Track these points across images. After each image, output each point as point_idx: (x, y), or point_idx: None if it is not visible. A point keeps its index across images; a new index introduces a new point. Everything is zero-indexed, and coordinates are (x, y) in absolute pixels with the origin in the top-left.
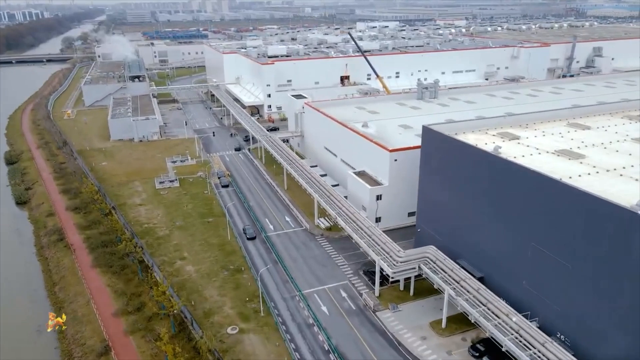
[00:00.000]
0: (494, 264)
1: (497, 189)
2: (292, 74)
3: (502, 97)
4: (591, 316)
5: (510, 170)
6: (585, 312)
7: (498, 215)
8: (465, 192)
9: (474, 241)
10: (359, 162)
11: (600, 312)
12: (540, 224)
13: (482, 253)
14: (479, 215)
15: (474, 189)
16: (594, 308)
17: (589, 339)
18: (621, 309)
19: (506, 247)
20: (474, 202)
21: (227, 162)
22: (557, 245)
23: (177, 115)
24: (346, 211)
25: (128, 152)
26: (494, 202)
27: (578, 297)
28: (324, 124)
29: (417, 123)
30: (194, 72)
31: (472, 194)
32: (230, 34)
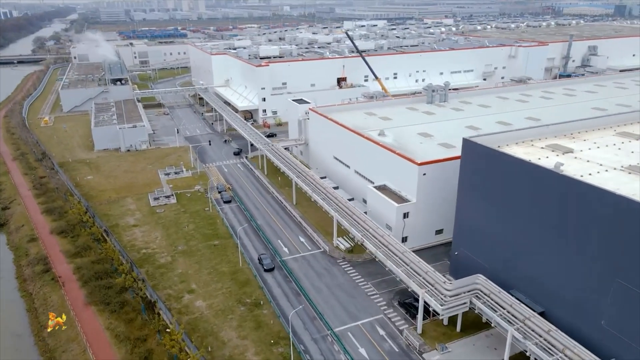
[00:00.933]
0: (558, 298)
1: (567, 214)
2: (286, 76)
3: (515, 100)
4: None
5: (585, 193)
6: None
7: (567, 245)
8: (519, 214)
9: (531, 270)
10: (379, 174)
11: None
12: (629, 258)
13: (543, 285)
14: (538, 242)
15: (532, 212)
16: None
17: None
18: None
19: (578, 281)
20: (531, 227)
21: (226, 173)
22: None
23: (164, 121)
24: (373, 232)
25: (115, 164)
26: (561, 229)
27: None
28: (333, 131)
29: (436, 130)
30: (177, 74)
31: (529, 216)
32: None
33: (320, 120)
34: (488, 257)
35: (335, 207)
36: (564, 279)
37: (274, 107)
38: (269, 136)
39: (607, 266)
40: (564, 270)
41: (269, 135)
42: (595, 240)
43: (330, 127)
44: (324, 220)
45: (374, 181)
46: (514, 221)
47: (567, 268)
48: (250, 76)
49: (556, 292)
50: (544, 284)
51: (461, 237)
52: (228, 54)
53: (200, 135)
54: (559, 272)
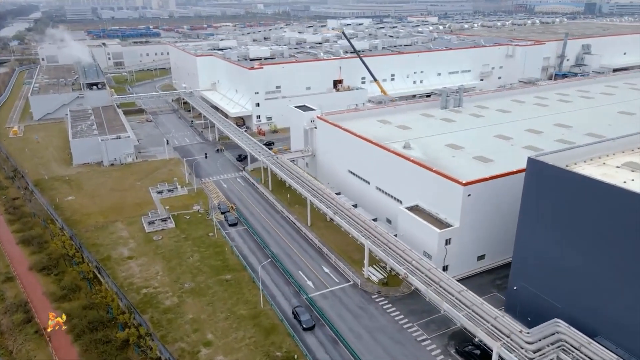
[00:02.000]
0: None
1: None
2: (280, 79)
3: (533, 104)
4: None
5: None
6: None
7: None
8: (603, 246)
9: (623, 315)
10: (408, 193)
11: None
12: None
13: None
14: (631, 279)
15: (620, 243)
16: None
17: None
18: None
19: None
20: (620, 261)
21: (226, 189)
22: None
23: (149, 129)
24: (416, 265)
25: (99, 181)
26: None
27: None
28: (347, 142)
29: (464, 141)
30: (155, 76)
31: (617, 249)
32: (184, 32)
33: (331, 130)
34: (560, 295)
35: (364, 233)
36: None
37: (268, 113)
38: (266, 144)
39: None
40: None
41: (267, 144)
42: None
43: (343, 138)
44: (346, 244)
45: (401, 200)
46: (596, 254)
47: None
48: (241, 79)
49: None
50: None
51: (522, 269)
52: (214, 55)
53: (191, 144)
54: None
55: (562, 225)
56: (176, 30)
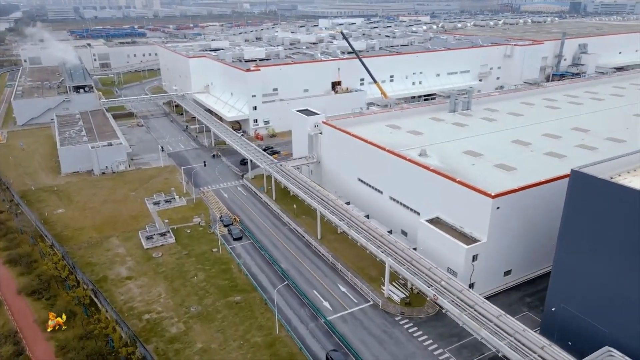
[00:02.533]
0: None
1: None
2: (278, 81)
3: (545, 107)
4: None
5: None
6: None
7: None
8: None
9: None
10: (427, 204)
11: None
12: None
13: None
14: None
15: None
16: None
17: None
18: None
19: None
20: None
21: (226, 199)
22: None
23: (140, 134)
24: (446, 285)
25: (90, 192)
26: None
27: None
28: (357, 149)
29: (481, 147)
30: (144, 78)
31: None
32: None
33: (338, 136)
34: (607, 318)
35: (384, 249)
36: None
37: (265, 117)
38: (265, 150)
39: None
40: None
41: (266, 149)
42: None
43: (353, 144)
44: (360, 258)
45: (419, 211)
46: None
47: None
48: (237, 82)
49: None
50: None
51: (562, 290)
52: (207, 56)
53: (185, 150)
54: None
55: (610, 242)
56: (162, 30)
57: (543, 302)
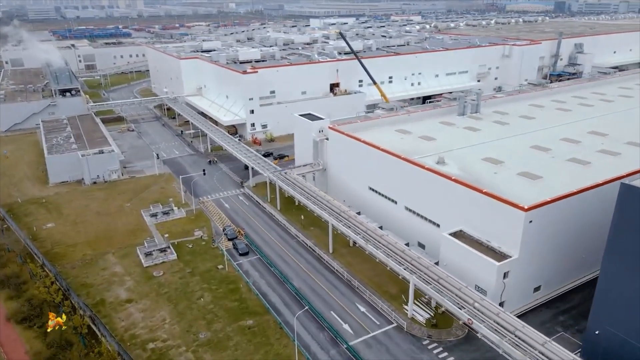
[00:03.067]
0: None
1: None
2: (275, 84)
3: (555, 109)
4: None
5: None
6: None
7: None
8: None
9: None
10: (448, 215)
11: None
12: None
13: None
14: None
15: None
16: None
17: None
18: None
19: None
20: None
21: (228, 209)
22: None
23: (131, 139)
24: (481, 308)
25: (82, 203)
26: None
27: None
28: (367, 156)
29: (500, 153)
30: (131, 79)
31: None
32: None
33: (346, 142)
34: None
35: (407, 266)
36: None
37: (263, 120)
38: (265, 156)
39: None
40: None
41: (266, 155)
42: None
43: (363, 151)
44: (377, 273)
45: (438, 223)
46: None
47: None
48: (233, 84)
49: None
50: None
51: (607, 311)
52: (200, 58)
53: (180, 157)
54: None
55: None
56: (147, 30)
57: (577, 320)
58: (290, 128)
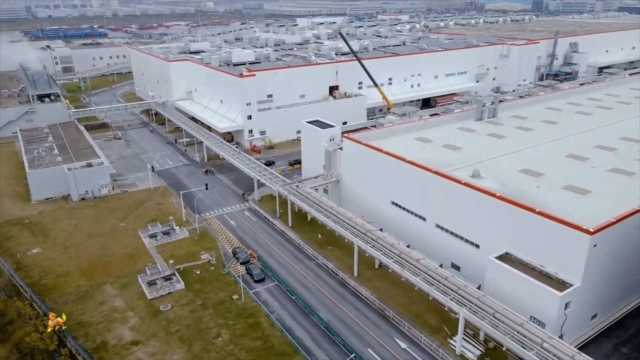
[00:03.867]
0: None
1: None
2: (272, 87)
3: (575, 113)
4: None
5: None
6: None
7: None
8: None
9: None
10: (491, 236)
11: None
12: None
13: None
14: None
15: None
16: None
17: None
18: None
19: None
20: None
21: (234, 227)
22: None
23: (119, 148)
24: (550, 348)
25: (70, 223)
26: None
27: None
28: (390, 168)
29: (535, 164)
30: (113, 82)
31: None
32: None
33: (364, 152)
34: None
35: (454, 297)
36: None
37: (261, 126)
38: (267, 164)
39: None
40: None
41: (267, 164)
42: None
43: (384, 163)
44: (412, 300)
45: (477, 244)
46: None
47: None
48: (229, 89)
49: None
50: None
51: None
52: (190, 59)
53: (175, 167)
54: None
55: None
56: (124, 29)
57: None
58: (289, 134)
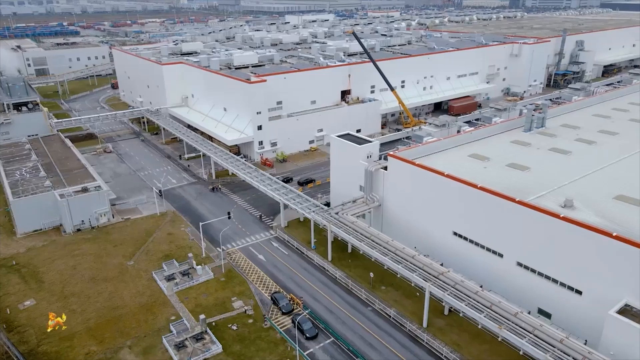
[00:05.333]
0: None
1: None
2: (282, 93)
3: (627, 120)
4: None
5: None
6: None
7: None
8: None
9: None
10: (600, 282)
11: None
12: None
13: None
14: None
15: None
16: None
17: None
18: None
19: None
20: None
21: (264, 263)
22: None
23: (111, 164)
24: None
25: (67, 263)
26: None
27: None
28: (450, 193)
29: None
30: (93, 86)
31: None
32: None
33: (416, 174)
34: None
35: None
36: None
37: (272, 137)
38: (284, 181)
39: None
40: None
41: (285, 180)
42: None
43: (443, 187)
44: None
45: (580, 289)
46: None
47: None
48: (235, 95)
49: None
50: None
51: None
52: (185, 62)
53: (180, 186)
54: None
55: None
56: (96, 27)
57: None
58: (301, 144)
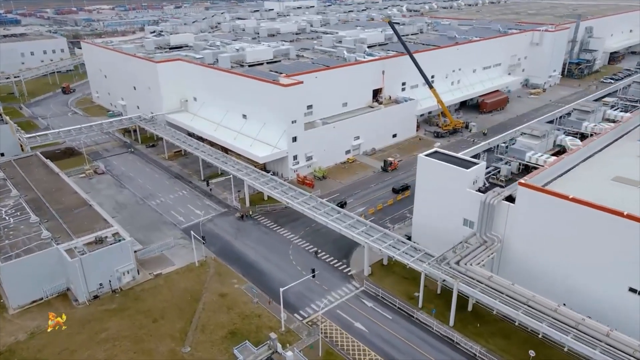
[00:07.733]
0: None
1: None
2: (313, 95)
3: None
4: None
5: None
6: None
7: None
8: None
9: None
10: None
11: None
12: None
13: None
14: None
15: None
16: None
17: None
18: None
19: None
20: None
21: (366, 334)
22: None
23: (109, 190)
24: None
25: (93, 356)
26: None
27: None
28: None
29: None
30: (56, 85)
31: None
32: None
33: (564, 210)
34: None
35: None
36: None
37: (308, 150)
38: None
39: None
40: None
41: (340, 205)
42: None
43: (614, 231)
44: None
45: None
46: None
47: None
48: (261, 101)
49: None
50: None
51: None
52: (183, 59)
53: (210, 220)
54: None
55: None
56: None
57: None
58: (337, 156)
